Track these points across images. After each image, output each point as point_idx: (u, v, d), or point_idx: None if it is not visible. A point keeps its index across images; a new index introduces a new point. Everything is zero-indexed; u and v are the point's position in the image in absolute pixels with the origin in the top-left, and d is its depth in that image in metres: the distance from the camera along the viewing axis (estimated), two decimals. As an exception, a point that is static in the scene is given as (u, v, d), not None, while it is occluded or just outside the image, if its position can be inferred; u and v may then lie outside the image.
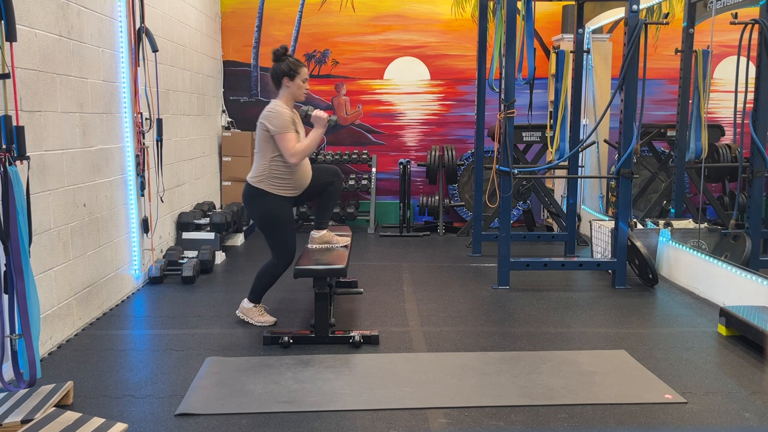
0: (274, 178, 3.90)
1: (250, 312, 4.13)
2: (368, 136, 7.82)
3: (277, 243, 4.01)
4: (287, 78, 3.91)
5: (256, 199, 3.94)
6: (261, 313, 4.14)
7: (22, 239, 2.76)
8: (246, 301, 4.16)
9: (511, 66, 4.83)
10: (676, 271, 5.22)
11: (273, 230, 3.99)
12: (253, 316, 4.13)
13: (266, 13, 7.66)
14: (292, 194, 3.98)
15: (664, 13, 5.99)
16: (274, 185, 3.90)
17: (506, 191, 4.91)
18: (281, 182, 3.91)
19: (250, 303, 4.14)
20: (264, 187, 3.90)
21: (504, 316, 4.33)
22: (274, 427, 2.79)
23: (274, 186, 3.91)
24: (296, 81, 3.92)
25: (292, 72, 3.91)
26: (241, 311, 4.17)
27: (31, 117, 3.44)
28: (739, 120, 5.17)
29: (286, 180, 3.92)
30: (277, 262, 4.04)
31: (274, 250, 4.04)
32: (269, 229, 4.00)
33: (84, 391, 3.11)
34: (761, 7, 4.74)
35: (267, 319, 4.13)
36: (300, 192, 4.02)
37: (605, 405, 3.01)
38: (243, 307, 4.16)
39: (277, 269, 4.06)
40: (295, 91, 3.94)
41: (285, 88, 3.94)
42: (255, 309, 4.13)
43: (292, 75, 3.91)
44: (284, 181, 3.92)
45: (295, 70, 3.91)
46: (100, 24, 4.31)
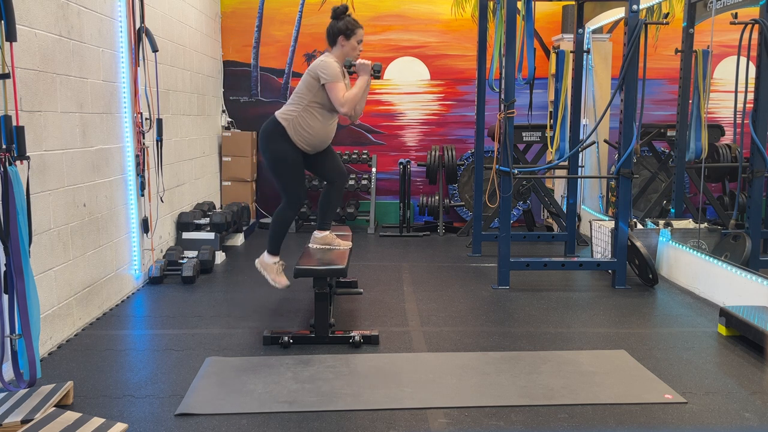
0: (300, 125, 3.86)
1: (269, 267, 4.04)
2: (368, 136, 7.82)
3: (286, 185, 3.96)
4: (343, 37, 3.87)
5: (274, 136, 3.88)
6: (279, 271, 4.05)
7: (22, 239, 2.76)
8: (266, 254, 4.06)
9: (511, 66, 4.84)
10: (676, 271, 5.22)
11: (282, 173, 3.94)
12: (270, 272, 4.04)
13: (266, 13, 7.66)
14: (305, 148, 3.93)
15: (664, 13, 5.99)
16: (296, 131, 3.86)
17: (506, 191, 4.91)
18: (303, 132, 3.87)
19: (270, 256, 4.05)
20: (287, 126, 3.86)
21: (504, 316, 4.33)
22: (274, 427, 2.79)
23: (296, 132, 3.86)
24: (351, 41, 3.89)
25: (349, 31, 3.87)
26: (261, 264, 4.07)
27: (31, 117, 3.44)
28: (739, 120, 5.17)
29: (309, 133, 3.88)
30: (287, 205, 3.99)
31: (284, 193, 3.99)
32: (279, 172, 3.94)
33: (84, 391, 3.11)
34: (761, 7, 4.74)
35: (282, 281, 4.04)
36: (313, 151, 3.99)
37: (605, 405, 3.01)
38: (263, 261, 4.07)
39: (287, 213, 4.00)
40: (348, 51, 3.90)
41: (339, 46, 3.90)
42: (274, 265, 4.04)
43: (349, 34, 3.87)
44: (306, 133, 3.88)
45: (352, 30, 3.87)
46: (100, 24, 4.31)
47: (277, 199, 4.14)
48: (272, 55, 7.72)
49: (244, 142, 7.45)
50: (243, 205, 6.92)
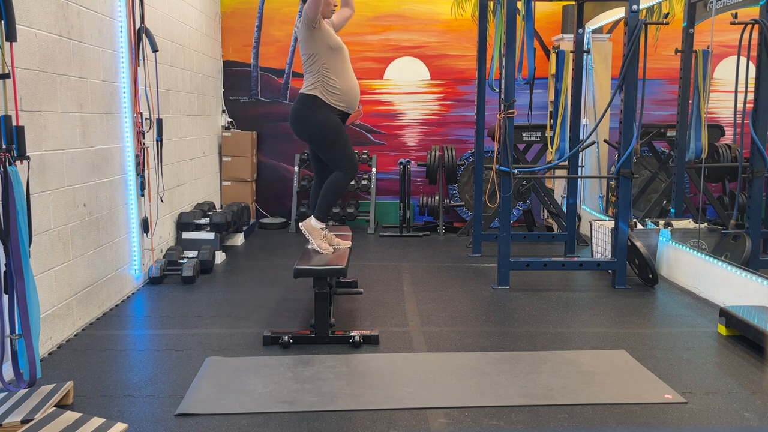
0: (328, 88, 3.87)
1: (315, 232, 4.02)
2: (368, 136, 7.82)
3: (338, 154, 3.93)
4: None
5: (311, 110, 3.87)
6: (324, 238, 4.04)
7: (22, 239, 2.76)
8: (314, 219, 4.03)
9: (511, 66, 4.84)
10: (676, 271, 5.22)
11: (332, 141, 3.91)
12: (316, 237, 4.02)
13: (266, 13, 7.66)
14: (343, 108, 3.93)
15: (664, 13, 5.98)
16: (328, 92, 3.87)
17: (506, 191, 4.91)
18: (335, 92, 3.88)
19: (317, 222, 4.03)
20: (318, 93, 3.86)
21: (504, 316, 4.33)
22: (274, 427, 2.79)
23: (329, 94, 3.87)
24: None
25: None
26: (307, 227, 4.05)
27: (31, 117, 3.44)
28: (739, 120, 5.17)
29: (338, 90, 3.89)
30: (344, 173, 3.96)
31: (338, 163, 3.95)
32: (328, 141, 3.91)
33: (84, 391, 3.11)
34: (761, 7, 4.74)
35: (327, 248, 4.01)
36: (350, 110, 3.99)
37: (605, 405, 3.01)
38: (310, 224, 4.04)
39: (343, 180, 3.97)
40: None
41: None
42: (321, 231, 4.03)
43: None
44: (337, 90, 3.88)
45: None
46: (100, 24, 4.31)
47: (277, 201, 4.15)
48: (272, 55, 7.72)
49: (244, 142, 7.45)
50: (243, 205, 6.92)
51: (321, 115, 3.88)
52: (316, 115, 3.88)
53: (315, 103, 3.88)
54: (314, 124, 3.90)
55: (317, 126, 3.90)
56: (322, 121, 3.89)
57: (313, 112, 3.89)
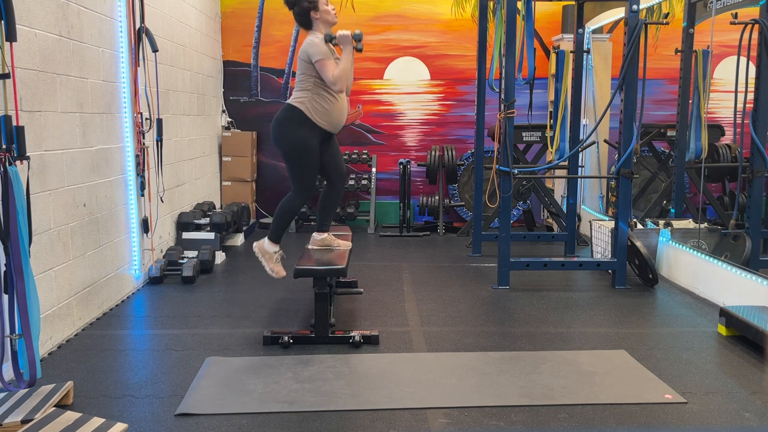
0: (317, 104, 3.84)
1: (268, 255, 4.00)
2: (368, 136, 7.82)
3: (300, 174, 3.92)
4: (313, 11, 3.84)
5: (293, 122, 3.85)
6: (277, 260, 4.01)
7: (22, 239, 2.76)
8: (267, 240, 4.01)
9: (511, 66, 4.83)
10: (676, 271, 5.22)
11: (300, 160, 3.89)
12: (268, 260, 4.00)
13: (266, 13, 7.66)
14: (326, 128, 3.91)
15: (664, 13, 5.98)
16: (315, 110, 3.84)
17: (506, 191, 4.91)
18: (322, 111, 3.86)
19: (271, 244, 4.00)
20: (304, 109, 3.83)
21: (504, 316, 4.33)
22: (274, 427, 2.79)
23: (314, 110, 3.84)
24: (321, 8, 3.86)
25: (313, 3, 3.84)
26: (259, 249, 4.02)
27: (31, 117, 3.44)
28: (739, 120, 5.17)
29: (327, 111, 3.87)
30: (296, 195, 3.95)
31: (296, 182, 3.94)
32: (296, 159, 3.89)
33: (84, 391, 3.11)
34: (761, 7, 4.74)
35: (279, 270, 4.00)
36: (335, 130, 3.97)
37: (605, 405, 3.01)
38: (263, 246, 4.01)
39: (295, 202, 3.96)
40: (325, 17, 3.88)
41: (315, 21, 3.88)
42: (274, 254, 4.00)
43: (314, 5, 3.84)
44: (325, 111, 3.87)
45: (314, 1, 3.84)
46: (100, 24, 4.31)
47: (277, 201, 4.13)
48: (272, 55, 7.72)
49: (244, 142, 7.45)
50: (243, 205, 6.92)
51: (301, 132, 3.86)
52: (296, 130, 3.86)
53: (299, 117, 3.85)
54: (291, 139, 3.87)
55: (294, 141, 3.87)
56: (300, 137, 3.86)
57: (294, 125, 3.86)
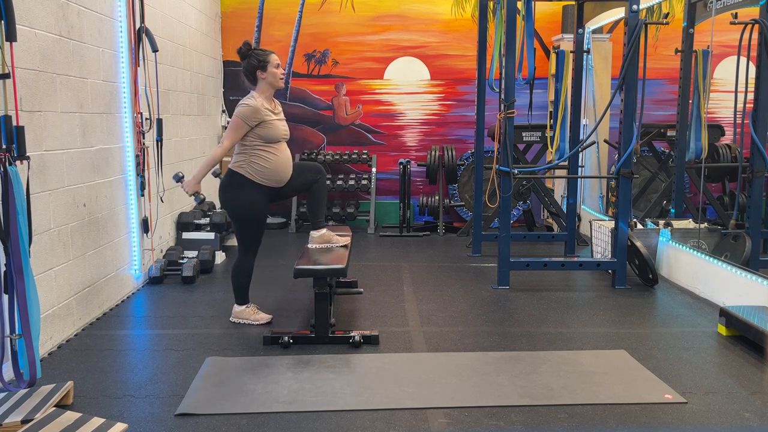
0: (256, 165, 3.88)
1: (243, 314, 4.15)
2: (368, 136, 7.82)
3: (246, 237, 4.01)
4: (260, 71, 3.90)
5: (235, 187, 3.92)
6: (254, 311, 4.15)
7: (22, 239, 2.76)
8: (236, 306, 4.17)
9: (511, 66, 4.83)
10: (676, 271, 5.22)
11: (245, 224, 3.98)
12: (247, 317, 4.14)
13: (266, 13, 7.66)
14: (271, 185, 3.95)
15: (664, 13, 5.99)
16: (255, 172, 3.88)
17: (506, 191, 4.91)
18: (262, 170, 3.89)
19: (240, 306, 4.16)
20: (245, 173, 3.88)
21: (504, 316, 4.33)
22: (274, 427, 2.79)
23: (255, 172, 3.89)
24: (269, 70, 3.91)
25: (262, 63, 3.89)
26: (235, 316, 4.17)
27: (31, 117, 3.44)
28: (739, 120, 5.17)
29: (267, 169, 3.90)
30: (244, 256, 4.04)
31: (242, 245, 4.03)
32: (241, 222, 3.98)
33: (84, 391, 3.11)
34: (761, 7, 4.74)
35: (262, 317, 4.14)
36: (280, 185, 4.00)
37: (605, 405, 3.01)
38: (235, 312, 4.17)
39: (245, 263, 4.06)
40: (271, 80, 3.93)
41: (261, 80, 3.92)
42: (247, 310, 4.15)
43: (264, 65, 3.89)
44: (265, 170, 3.90)
45: (264, 60, 3.89)
46: (100, 24, 4.31)
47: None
48: (272, 55, 7.71)
49: (244, 142, 7.44)
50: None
51: (244, 196, 3.91)
52: (238, 195, 3.92)
53: (241, 182, 3.90)
54: (235, 203, 3.94)
55: (237, 206, 3.94)
56: (243, 203, 3.92)
57: (237, 190, 3.92)
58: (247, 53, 3.91)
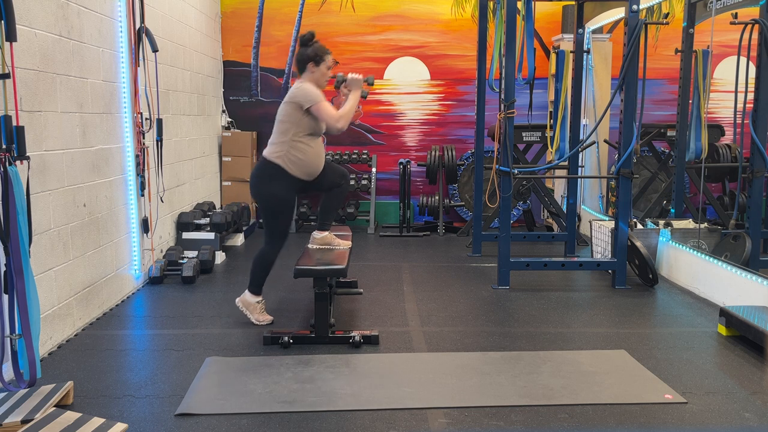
0: (293, 156, 3.88)
1: (252, 307, 4.11)
2: (368, 136, 7.82)
3: (275, 228, 3.99)
4: (312, 63, 3.90)
5: (270, 177, 3.90)
6: (261, 310, 4.13)
7: (22, 239, 2.76)
8: (248, 293, 4.12)
9: (511, 66, 4.84)
10: (676, 271, 5.22)
11: (276, 215, 3.96)
12: (253, 311, 4.11)
13: (266, 13, 7.66)
14: (303, 178, 3.95)
15: (664, 13, 5.99)
16: (291, 163, 3.88)
17: (506, 191, 4.91)
18: (298, 162, 3.89)
19: (252, 296, 4.11)
20: (281, 163, 3.87)
21: (504, 316, 4.33)
22: (274, 427, 2.79)
23: (291, 164, 3.88)
24: (321, 68, 3.91)
25: (318, 58, 3.89)
26: (243, 303, 4.13)
27: (31, 117, 3.44)
28: (739, 120, 5.17)
29: (303, 161, 3.90)
30: (271, 249, 4.02)
31: (271, 235, 4.01)
32: (272, 213, 3.97)
33: (84, 391, 3.11)
34: (761, 7, 4.74)
35: (266, 318, 4.13)
36: (311, 179, 4.00)
37: (605, 405, 3.01)
38: (245, 300, 4.12)
39: (272, 254, 4.04)
40: (318, 77, 3.93)
41: (309, 73, 3.92)
42: (257, 305, 4.11)
43: (318, 61, 3.89)
44: (301, 162, 3.89)
45: (321, 56, 3.89)
46: (100, 24, 4.31)
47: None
48: (272, 55, 7.72)
49: (244, 142, 7.45)
50: (243, 205, 6.92)
51: (277, 187, 3.90)
52: (273, 186, 3.91)
53: (275, 173, 3.89)
54: (268, 194, 3.93)
55: (270, 197, 3.93)
56: (276, 193, 3.92)
57: (271, 181, 3.91)
58: (309, 42, 3.90)
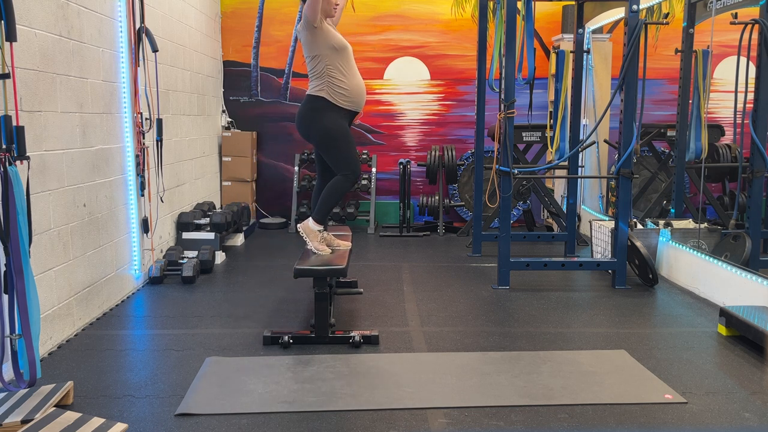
0: (335, 89, 3.86)
1: (313, 235, 4.02)
2: (368, 136, 7.82)
3: (342, 159, 3.93)
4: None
5: (319, 112, 3.87)
6: (322, 240, 4.04)
7: (22, 239, 2.76)
8: (311, 221, 4.03)
9: (511, 66, 4.84)
10: (676, 271, 5.22)
11: (337, 145, 3.91)
12: (314, 239, 4.02)
13: (266, 13, 7.66)
14: (350, 108, 3.93)
15: (664, 13, 5.99)
16: (335, 93, 3.86)
17: (506, 191, 4.91)
18: (343, 92, 3.88)
19: (316, 224, 4.02)
20: (325, 95, 3.86)
21: (504, 316, 4.33)
22: (274, 427, 2.79)
23: (337, 95, 3.86)
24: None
25: None
26: (305, 229, 4.05)
27: (31, 117, 3.44)
28: (739, 120, 5.17)
29: (345, 89, 3.88)
30: (345, 178, 3.95)
31: (340, 167, 3.94)
32: (333, 145, 3.92)
33: (84, 391, 3.11)
34: (761, 7, 4.74)
35: (324, 249, 4.01)
36: (358, 110, 3.99)
37: (605, 405, 3.01)
38: (308, 226, 4.04)
39: (345, 185, 3.96)
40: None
41: None
42: (319, 233, 4.03)
43: None
44: (344, 90, 3.88)
45: None
46: (100, 24, 4.31)
47: (277, 201, 4.15)
48: (272, 55, 7.72)
49: (244, 142, 7.45)
50: (243, 205, 6.92)
51: (328, 118, 3.88)
52: (323, 118, 3.88)
53: (322, 105, 3.88)
54: (321, 127, 3.90)
55: (324, 129, 3.90)
56: (329, 124, 3.89)
57: (320, 114, 3.88)
58: None
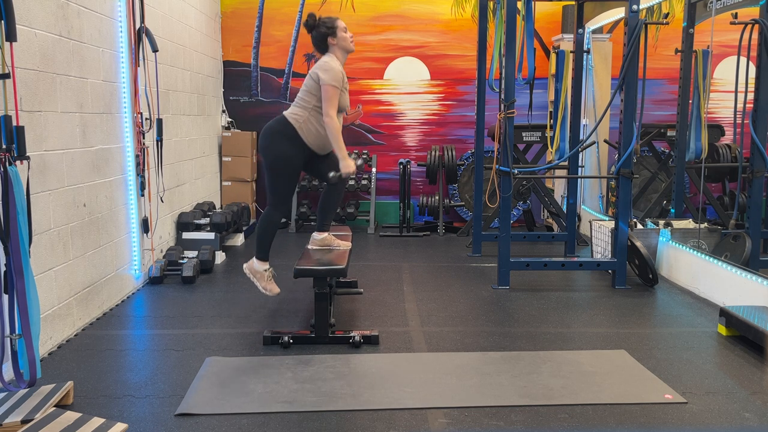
0: (312, 125, 3.87)
1: (259, 275, 3.98)
2: (368, 136, 7.82)
3: (278, 192, 3.92)
4: (330, 37, 3.91)
5: (282, 136, 3.86)
6: (269, 278, 4.00)
7: (22, 239, 2.76)
8: (255, 260, 3.99)
9: (511, 66, 4.84)
10: (676, 271, 5.22)
11: (281, 174, 3.91)
12: (260, 279, 3.98)
13: (266, 13, 7.66)
14: (314, 149, 3.93)
15: (664, 13, 5.99)
16: (308, 130, 3.87)
17: (506, 191, 4.91)
18: (315, 132, 3.88)
19: (260, 263, 3.99)
20: (297, 127, 3.85)
21: (504, 316, 4.33)
22: (274, 427, 2.79)
23: (308, 132, 3.87)
24: (339, 35, 3.91)
25: (331, 29, 3.90)
26: (250, 270, 4.01)
27: (31, 117, 3.44)
28: (739, 120, 5.17)
29: (319, 133, 3.89)
30: (274, 209, 3.95)
31: (274, 195, 3.94)
32: (277, 174, 3.91)
33: (84, 391, 3.11)
34: (761, 7, 4.74)
35: (272, 288, 3.99)
36: (321, 152, 3.99)
37: (605, 405, 3.01)
38: (253, 267, 4.00)
39: (275, 215, 3.96)
40: (342, 44, 3.93)
41: (333, 46, 3.93)
42: (265, 273, 3.99)
43: (333, 31, 3.90)
44: (318, 134, 3.89)
45: (332, 26, 3.90)
46: (100, 24, 4.31)
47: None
48: (272, 55, 7.72)
49: (244, 142, 7.45)
50: (243, 205, 6.92)
51: (286, 147, 3.86)
52: (283, 145, 3.86)
53: (290, 134, 3.86)
54: (278, 153, 3.86)
55: (278, 157, 3.87)
56: (284, 154, 3.86)
57: (283, 140, 3.87)
58: (315, 24, 3.92)
